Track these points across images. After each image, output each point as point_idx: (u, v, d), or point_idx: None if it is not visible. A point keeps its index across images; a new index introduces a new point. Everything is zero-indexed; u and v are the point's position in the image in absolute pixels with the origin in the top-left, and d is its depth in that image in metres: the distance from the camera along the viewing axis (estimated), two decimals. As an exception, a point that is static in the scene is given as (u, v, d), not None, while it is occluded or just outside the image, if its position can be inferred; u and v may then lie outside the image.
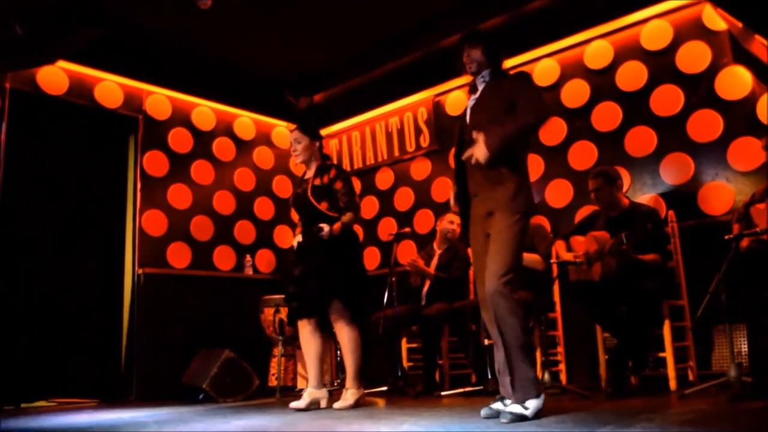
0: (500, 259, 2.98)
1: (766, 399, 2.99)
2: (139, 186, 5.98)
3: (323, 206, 4.02)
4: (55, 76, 5.58)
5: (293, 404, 3.92)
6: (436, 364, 4.94)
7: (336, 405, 3.88)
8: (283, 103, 7.08)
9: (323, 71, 6.77)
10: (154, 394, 5.45)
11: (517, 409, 2.84)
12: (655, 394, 3.81)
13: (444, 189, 6.32)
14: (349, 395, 3.92)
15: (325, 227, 3.92)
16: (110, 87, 5.91)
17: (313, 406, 3.94)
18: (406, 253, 6.21)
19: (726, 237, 3.47)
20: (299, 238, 4.11)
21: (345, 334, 3.95)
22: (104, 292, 5.79)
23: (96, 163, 5.90)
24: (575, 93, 5.51)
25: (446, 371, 4.97)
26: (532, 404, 2.85)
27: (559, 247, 4.44)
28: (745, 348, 4.23)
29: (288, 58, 6.37)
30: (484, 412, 2.98)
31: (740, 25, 4.70)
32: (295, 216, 4.37)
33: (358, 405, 3.91)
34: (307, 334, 4.03)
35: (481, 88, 3.23)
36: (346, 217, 4.01)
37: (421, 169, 6.59)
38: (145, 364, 5.63)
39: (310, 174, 4.18)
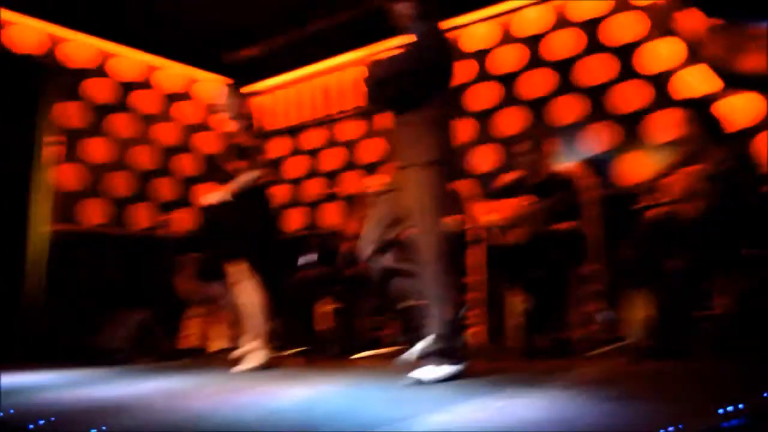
0: (421, 224, 2.94)
1: (663, 359, 3.13)
2: (53, 139, 5.69)
3: (239, 164, 3.96)
4: (-41, 17, 5.23)
5: (241, 366, 3.87)
6: (354, 326, 4.96)
7: (242, 367, 3.83)
8: (210, 56, 6.84)
9: (254, 25, 6.54)
10: (63, 356, 5.23)
11: (426, 372, 2.85)
12: (562, 355, 3.93)
13: (373, 150, 6.28)
14: (255, 356, 3.87)
15: (212, 195, 3.90)
16: (21, 30, 5.55)
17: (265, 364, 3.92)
18: (333, 214, 6.18)
19: (635, 206, 3.58)
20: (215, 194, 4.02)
21: (248, 296, 3.90)
22: (10, 249, 5.50)
23: (3, 112, 5.55)
24: (506, 59, 5.54)
25: (364, 333, 4.99)
26: (445, 369, 2.85)
27: (477, 208, 4.49)
28: (648, 312, 4.40)
29: (217, 9, 6.11)
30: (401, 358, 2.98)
31: (667, -1, 4.80)
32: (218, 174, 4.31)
33: (265, 366, 3.86)
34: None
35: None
36: (245, 176, 3.92)
37: (350, 130, 6.53)
38: (55, 325, 5.38)
39: (234, 132, 4.12)
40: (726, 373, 2.66)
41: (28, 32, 5.61)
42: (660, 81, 4.80)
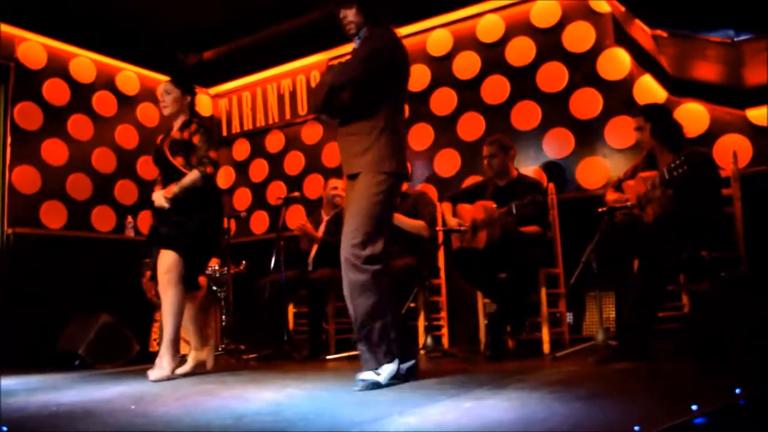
0: (354, 223, 2.90)
1: (628, 361, 3.21)
2: (9, 140, 5.56)
3: (178, 162, 3.81)
4: None
5: (179, 370, 3.80)
6: (323, 328, 4.96)
7: (151, 376, 3.63)
8: (170, 58, 6.77)
9: (214, 28, 6.51)
10: (25, 361, 5.12)
11: (369, 375, 2.84)
12: (530, 357, 4.00)
13: (335, 154, 6.28)
14: (164, 363, 3.68)
15: (157, 197, 3.78)
16: (-23, 31, 5.44)
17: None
18: (296, 217, 6.18)
19: (599, 210, 3.67)
20: (157, 195, 3.87)
21: (170, 295, 3.68)
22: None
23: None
24: (466, 65, 5.62)
25: (332, 335, 5.00)
26: (386, 369, 2.87)
27: (445, 209, 4.54)
28: (612, 314, 4.52)
29: (178, 11, 6.06)
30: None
31: (623, 9, 4.94)
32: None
33: (174, 373, 3.70)
34: None
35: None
36: (187, 177, 3.76)
37: (312, 133, 6.53)
38: (15, 330, 5.26)
39: (175, 129, 3.98)
40: (690, 373, 2.74)
41: (-16, 32, 5.48)
42: (615, 88, 4.93)
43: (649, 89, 4.78)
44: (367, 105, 3.01)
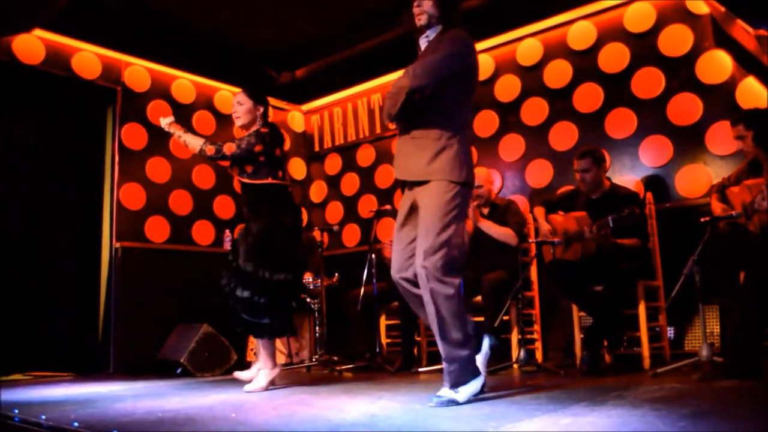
0: (431, 236, 2.80)
1: (735, 378, 3.05)
2: (117, 159, 5.89)
3: (235, 171, 3.85)
4: (31, 45, 5.46)
5: (247, 385, 3.81)
6: (415, 340, 4.97)
7: (246, 387, 3.68)
8: (264, 77, 7.01)
9: (305, 46, 6.69)
10: (131, 368, 5.43)
11: (447, 393, 2.77)
12: (628, 372, 3.87)
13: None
14: (261, 376, 3.71)
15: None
16: (88, 57, 5.80)
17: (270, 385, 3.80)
18: (387, 230, 6.23)
19: (701, 219, 3.50)
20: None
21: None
22: (81, 265, 5.74)
23: (73, 135, 5.80)
24: (558, 73, 5.52)
25: (424, 348, 5.00)
26: (466, 388, 2.78)
27: (538, 213, 4.46)
28: (717, 328, 4.31)
29: (270, 32, 6.28)
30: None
31: (722, 9, 4.73)
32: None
33: (271, 385, 3.73)
34: None
35: (423, 47, 3.01)
36: (191, 138, 3.90)
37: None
38: (122, 338, 5.59)
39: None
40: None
41: (94, 59, 5.83)
42: (716, 93, 4.72)
43: (754, 92, 4.55)
44: (442, 108, 2.90)
